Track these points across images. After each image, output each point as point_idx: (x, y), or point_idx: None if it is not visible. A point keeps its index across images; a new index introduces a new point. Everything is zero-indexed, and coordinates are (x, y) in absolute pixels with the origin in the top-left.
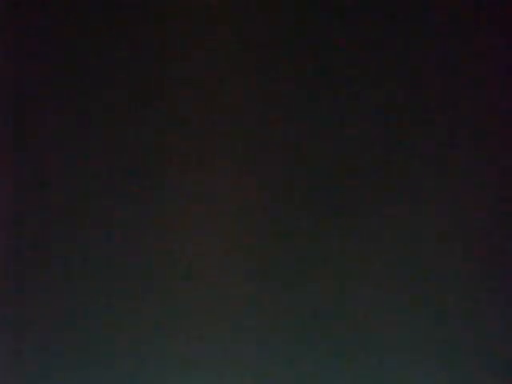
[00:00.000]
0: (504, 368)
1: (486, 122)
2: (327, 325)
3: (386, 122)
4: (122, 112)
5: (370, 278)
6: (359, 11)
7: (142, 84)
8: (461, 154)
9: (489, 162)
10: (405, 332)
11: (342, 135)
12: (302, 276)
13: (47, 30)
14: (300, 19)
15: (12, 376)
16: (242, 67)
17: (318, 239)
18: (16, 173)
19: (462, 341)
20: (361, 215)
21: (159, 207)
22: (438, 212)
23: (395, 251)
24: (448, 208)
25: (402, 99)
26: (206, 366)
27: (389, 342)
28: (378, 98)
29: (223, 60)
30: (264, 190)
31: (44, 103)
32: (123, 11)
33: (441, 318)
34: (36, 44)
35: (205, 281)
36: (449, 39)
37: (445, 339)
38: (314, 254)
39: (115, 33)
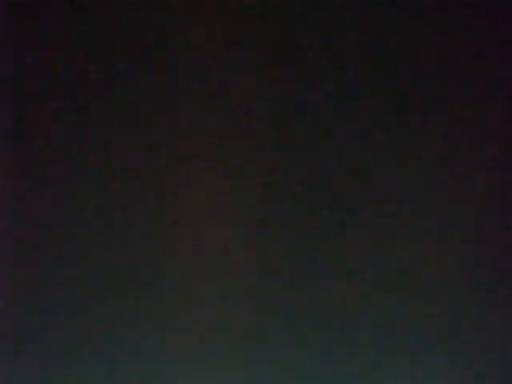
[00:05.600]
0: (504, 368)
1: (487, 124)
2: (327, 324)
3: (387, 122)
4: (122, 112)
5: (370, 277)
6: (359, 11)
7: (142, 84)
8: (461, 154)
9: (489, 164)
10: (405, 332)
11: (343, 136)
12: (303, 275)
13: (47, 30)
14: (301, 19)
15: (12, 376)
16: (242, 67)
17: (318, 239)
18: (16, 173)
19: (462, 341)
20: (361, 214)
21: (159, 207)
22: (438, 212)
23: (395, 251)
24: (448, 208)
25: (402, 102)
26: (205, 365)
27: (389, 342)
28: (378, 99)
29: (224, 60)
30: (264, 190)
31: (44, 103)
32: (123, 10)
33: (441, 319)
34: (36, 44)
35: (205, 280)
36: (449, 39)
37: (445, 340)
38: (315, 254)
39: (115, 32)
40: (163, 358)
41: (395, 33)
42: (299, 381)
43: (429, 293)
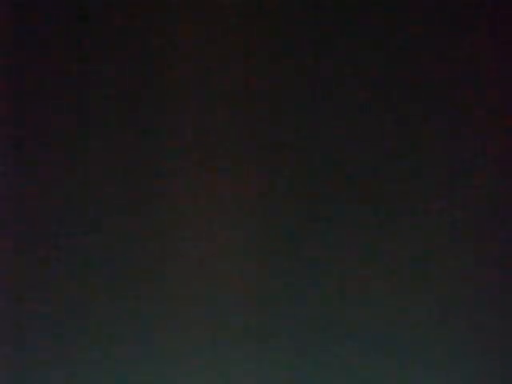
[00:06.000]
0: (504, 368)
1: (487, 123)
2: (327, 325)
3: (388, 123)
4: (122, 112)
5: (370, 277)
6: (359, 12)
7: (142, 84)
8: (462, 155)
9: (490, 162)
10: (405, 332)
11: (344, 135)
12: (303, 275)
13: (47, 30)
14: (301, 18)
15: (12, 376)
16: (242, 67)
17: (318, 239)
18: (16, 172)
19: (463, 341)
20: (361, 213)
21: (159, 207)
22: (438, 212)
23: (396, 251)
24: (448, 208)
25: (402, 102)
26: (205, 365)
27: (389, 342)
28: (378, 100)
29: (223, 60)
30: (264, 190)
31: (44, 103)
32: (123, 11)
33: (441, 318)
34: (36, 44)
35: (204, 281)
36: (449, 39)
37: (445, 339)
38: (315, 254)
39: (115, 33)
40: (163, 358)
41: (395, 33)
42: (299, 381)
43: (429, 293)
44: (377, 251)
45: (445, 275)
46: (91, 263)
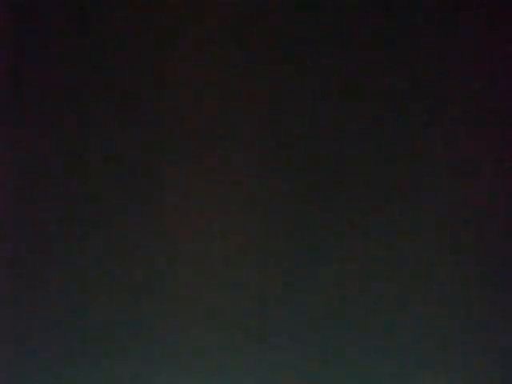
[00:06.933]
0: (504, 367)
1: (486, 121)
2: (327, 324)
3: (387, 121)
4: (121, 112)
5: (370, 276)
6: (359, 12)
7: (141, 84)
8: (461, 153)
9: (489, 160)
10: (405, 332)
11: (343, 135)
12: (303, 275)
13: (47, 30)
14: (301, 20)
15: (12, 376)
16: (242, 67)
17: (318, 239)
18: (16, 173)
19: (462, 340)
20: (361, 214)
21: (159, 207)
22: (438, 211)
23: (396, 251)
24: (447, 207)
25: (401, 99)
26: (205, 365)
27: (389, 342)
28: (377, 98)
29: (224, 60)
30: (264, 190)
31: (44, 103)
32: (123, 11)
33: (441, 318)
34: (36, 44)
35: (205, 281)
36: (449, 39)
37: (445, 338)
38: (315, 254)
39: (115, 32)
40: (163, 359)
41: (395, 32)
42: (299, 381)
43: (429, 293)
44: (377, 250)
45: (445, 275)
46: (91, 263)
